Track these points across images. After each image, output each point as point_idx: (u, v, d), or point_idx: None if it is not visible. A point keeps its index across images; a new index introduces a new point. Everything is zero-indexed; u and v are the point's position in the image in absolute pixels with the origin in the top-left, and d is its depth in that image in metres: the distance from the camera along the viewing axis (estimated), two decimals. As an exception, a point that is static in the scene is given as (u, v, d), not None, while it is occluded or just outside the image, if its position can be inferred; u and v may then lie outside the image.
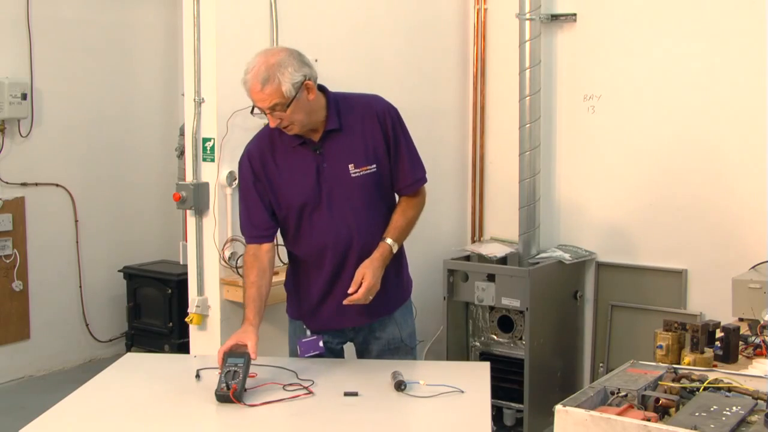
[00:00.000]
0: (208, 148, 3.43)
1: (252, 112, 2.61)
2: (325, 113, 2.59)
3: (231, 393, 2.25)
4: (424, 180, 2.74)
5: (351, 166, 2.60)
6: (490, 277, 4.13)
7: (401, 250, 2.76)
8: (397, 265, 2.75)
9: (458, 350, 4.36)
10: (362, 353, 2.81)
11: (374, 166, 2.61)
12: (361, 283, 2.52)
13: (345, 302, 2.54)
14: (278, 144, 2.64)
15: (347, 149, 2.60)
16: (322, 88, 2.62)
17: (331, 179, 2.60)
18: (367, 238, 2.61)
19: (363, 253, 2.59)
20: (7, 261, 4.99)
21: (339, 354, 2.82)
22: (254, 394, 2.31)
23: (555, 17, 4.42)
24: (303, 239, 2.67)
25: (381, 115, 2.63)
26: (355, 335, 2.78)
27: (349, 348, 2.89)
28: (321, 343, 2.66)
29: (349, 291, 2.53)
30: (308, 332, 2.71)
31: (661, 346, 2.49)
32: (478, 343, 4.36)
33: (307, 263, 2.70)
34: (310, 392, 2.36)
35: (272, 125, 2.51)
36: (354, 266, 2.58)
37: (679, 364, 2.35)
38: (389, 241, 2.61)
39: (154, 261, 5.46)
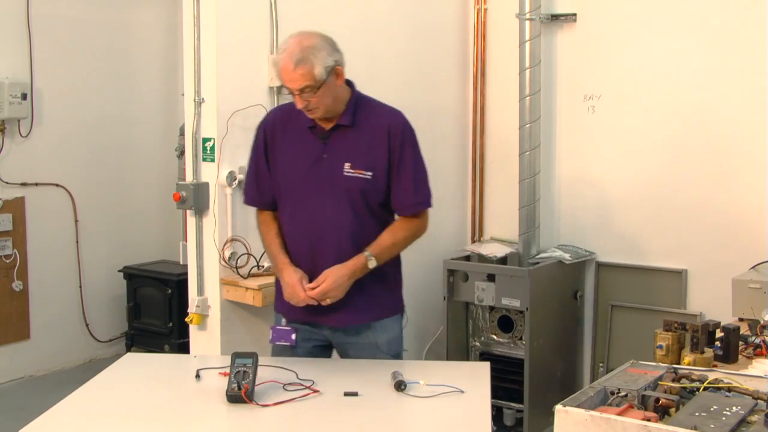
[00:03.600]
0: (208, 148, 3.43)
1: (279, 89, 2.64)
2: (344, 107, 2.63)
3: (243, 393, 2.25)
4: (426, 205, 2.71)
5: (347, 165, 2.61)
6: (490, 277, 4.12)
7: (397, 270, 2.78)
8: (387, 282, 2.75)
9: (458, 350, 4.36)
10: (342, 356, 2.82)
11: (370, 174, 2.61)
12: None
13: (306, 294, 2.57)
14: (293, 122, 2.68)
15: (350, 148, 2.62)
16: (349, 83, 2.67)
17: (325, 171, 2.62)
18: (340, 238, 2.60)
19: (335, 253, 2.60)
20: (7, 261, 4.99)
21: (317, 356, 2.82)
22: (256, 393, 2.31)
23: (555, 17, 4.42)
24: (285, 220, 2.71)
25: (392, 130, 2.63)
26: (331, 335, 2.77)
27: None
28: (293, 336, 2.65)
29: (308, 286, 2.57)
30: (283, 321, 2.72)
31: (661, 346, 2.49)
32: (478, 343, 4.36)
33: (289, 249, 2.71)
34: (316, 392, 2.36)
35: (299, 106, 2.54)
36: (327, 265, 2.59)
37: (679, 364, 2.35)
38: (367, 254, 2.59)
39: (154, 261, 5.46)
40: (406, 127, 2.67)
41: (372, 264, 2.60)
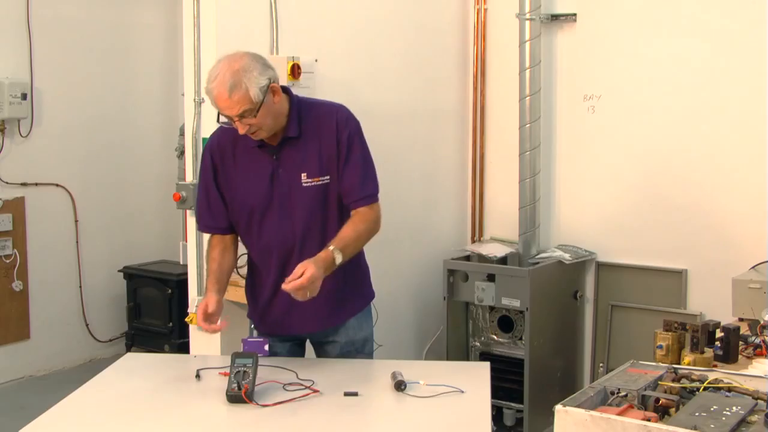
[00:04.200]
0: (208, 148, 3.42)
1: (218, 120, 2.54)
2: (287, 119, 2.57)
3: (243, 393, 2.25)
4: (373, 198, 2.64)
5: (304, 176, 2.57)
6: (490, 277, 4.13)
7: (361, 263, 2.77)
8: (355, 278, 2.74)
9: (458, 350, 4.36)
10: (318, 354, 2.82)
11: (327, 177, 2.58)
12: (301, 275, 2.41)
13: (283, 286, 2.40)
14: (240, 143, 2.61)
15: (302, 158, 2.58)
16: (285, 90, 2.60)
17: (283, 186, 2.58)
18: (311, 249, 2.56)
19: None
20: (7, 261, 4.99)
21: (297, 355, 2.83)
22: (256, 393, 2.31)
23: (555, 17, 4.42)
24: (251, 240, 2.68)
25: (339, 125, 2.59)
26: (310, 335, 2.79)
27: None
28: (266, 347, 2.58)
29: (288, 279, 2.40)
30: (255, 333, 2.71)
31: (661, 346, 2.49)
32: (478, 343, 4.36)
33: (257, 265, 2.71)
34: (316, 392, 2.36)
35: (242, 132, 2.47)
36: None
37: (679, 364, 2.35)
38: (332, 248, 2.51)
39: (154, 261, 5.46)
40: (351, 120, 2.63)
41: (339, 259, 2.51)
